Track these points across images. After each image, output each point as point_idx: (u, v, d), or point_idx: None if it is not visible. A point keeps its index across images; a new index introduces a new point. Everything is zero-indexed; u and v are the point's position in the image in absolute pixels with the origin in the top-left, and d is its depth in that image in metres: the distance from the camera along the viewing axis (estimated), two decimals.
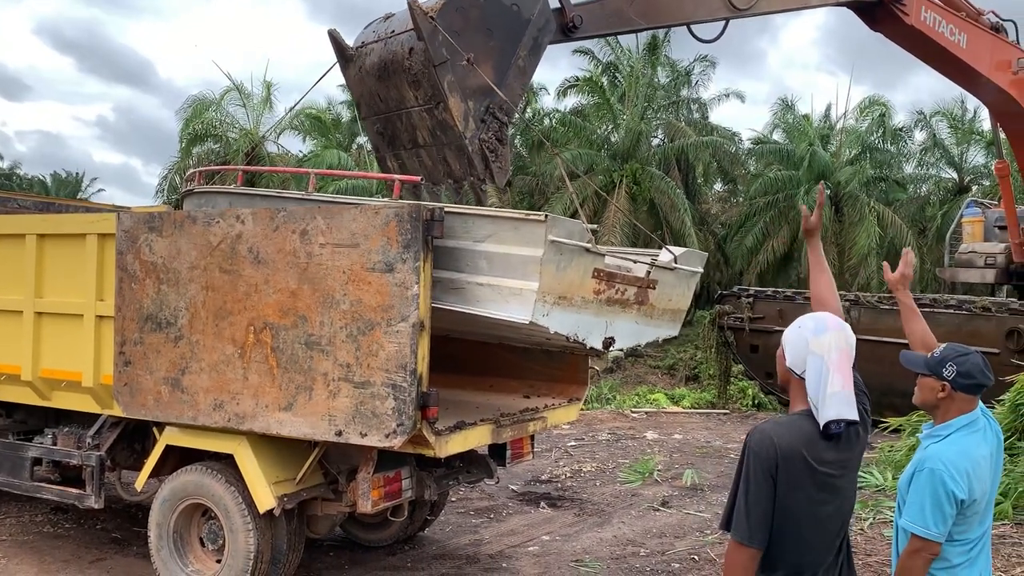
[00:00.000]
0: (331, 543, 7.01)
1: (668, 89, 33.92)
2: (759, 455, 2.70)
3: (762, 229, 30.51)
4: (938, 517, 2.99)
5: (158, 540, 5.69)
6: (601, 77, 31.87)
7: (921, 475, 3.05)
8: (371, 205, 4.97)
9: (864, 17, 9.81)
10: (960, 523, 3.03)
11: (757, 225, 30.69)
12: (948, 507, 2.97)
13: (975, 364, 3.11)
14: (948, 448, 3.08)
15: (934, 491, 2.99)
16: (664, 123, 33.44)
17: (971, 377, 3.09)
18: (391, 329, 4.72)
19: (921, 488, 3.04)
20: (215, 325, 5.28)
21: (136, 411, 5.63)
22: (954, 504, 2.97)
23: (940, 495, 2.98)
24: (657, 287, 5.52)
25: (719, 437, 11.87)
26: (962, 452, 3.05)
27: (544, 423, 6.20)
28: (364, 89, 6.28)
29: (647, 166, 29.36)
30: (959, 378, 3.10)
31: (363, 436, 4.82)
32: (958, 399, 3.11)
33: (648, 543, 7.25)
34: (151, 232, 5.52)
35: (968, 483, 2.98)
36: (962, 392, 3.11)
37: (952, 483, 2.97)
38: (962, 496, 2.96)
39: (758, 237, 30.53)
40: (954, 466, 3.00)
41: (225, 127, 31.58)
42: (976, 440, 3.10)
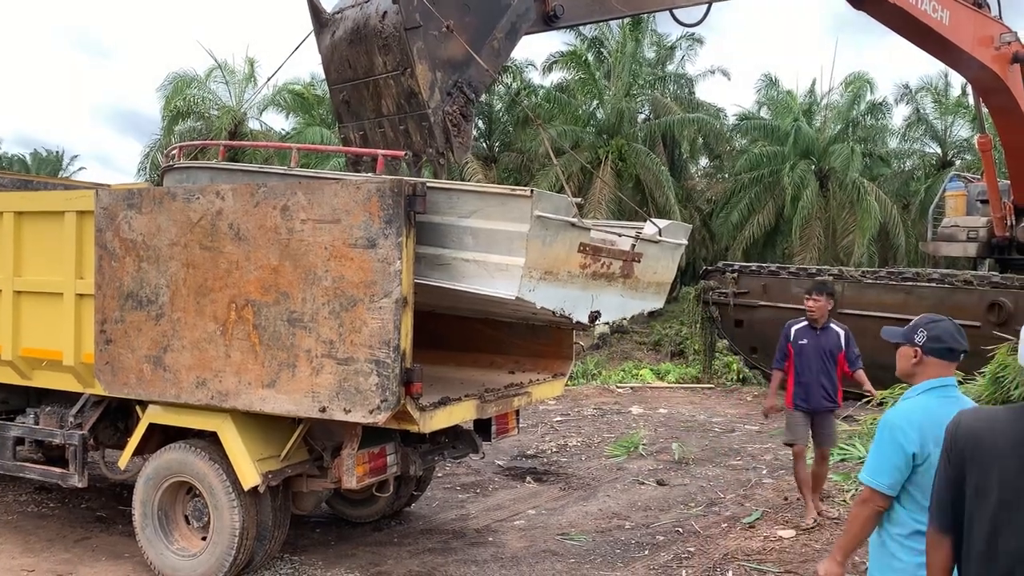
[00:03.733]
0: (318, 520, 7.02)
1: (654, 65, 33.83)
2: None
3: (748, 205, 30.59)
4: (884, 467, 3.04)
5: (143, 518, 5.68)
6: (587, 52, 31.72)
7: (878, 429, 3.11)
8: (352, 180, 4.94)
9: None
10: (917, 483, 3.05)
11: (743, 201, 30.76)
12: (895, 458, 3.01)
13: (945, 329, 3.15)
14: (908, 403, 3.14)
15: (883, 441, 3.06)
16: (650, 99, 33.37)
17: (941, 341, 3.14)
18: (374, 305, 4.70)
19: (875, 440, 3.11)
20: (196, 302, 5.24)
21: (118, 389, 5.59)
22: (902, 455, 3.00)
23: (888, 445, 3.04)
24: (642, 260, 5.52)
25: (703, 411, 11.94)
26: (921, 408, 3.10)
27: (529, 398, 6.21)
28: (335, 55, 6.20)
29: (633, 142, 29.32)
30: (929, 343, 3.15)
31: (347, 412, 4.81)
32: (930, 364, 3.16)
33: (633, 516, 7.30)
34: (130, 209, 5.46)
35: (920, 437, 3.00)
36: (933, 357, 3.16)
37: (901, 434, 3.01)
38: (912, 449, 3.00)
39: (743, 213, 30.60)
40: (906, 418, 3.06)
41: (207, 104, 31.25)
42: (942, 402, 3.12)
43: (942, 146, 32.48)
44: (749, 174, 31.13)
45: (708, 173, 41.81)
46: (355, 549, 6.38)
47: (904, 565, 3.06)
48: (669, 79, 34.14)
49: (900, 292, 12.03)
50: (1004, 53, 11.18)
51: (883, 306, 12.01)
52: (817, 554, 5.99)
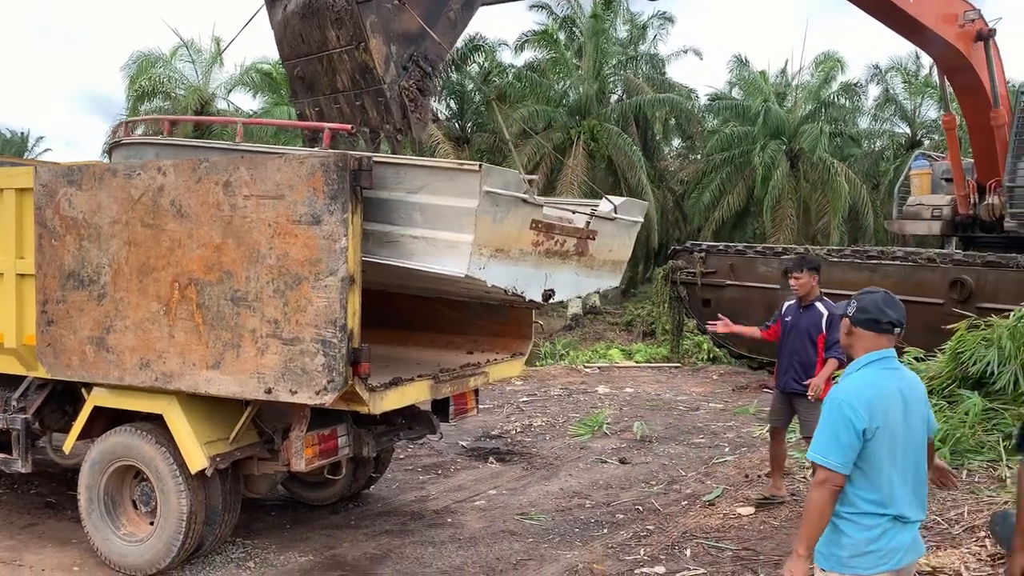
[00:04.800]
0: (274, 502, 6.91)
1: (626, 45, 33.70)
2: None
3: (719, 185, 30.65)
4: (836, 446, 2.99)
5: (88, 504, 5.55)
6: (558, 32, 31.51)
7: (824, 406, 3.07)
8: (296, 154, 4.80)
9: None
10: (866, 458, 3.01)
11: (714, 182, 30.81)
12: (845, 435, 2.97)
13: (871, 301, 3.13)
14: (852, 379, 3.10)
15: (831, 419, 3.02)
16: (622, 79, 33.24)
17: (866, 312, 3.12)
18: (319, 284, 4.58)
19: (823, 419, 3.06)
20: (139, 282, 5.09)
21: (60, 372, 5.44)
22: (853, 432, 2.96)
23: (837, 423, 2.99)
24: (597, 237, 5.44)
25: (669, 390, 11.95)
26: (866, 382, 3.06)
27: (486, 378, 6.12)
28: (287, 29, 6.04)
29: (605, 123, 29.21)
30: (857, 313, 3.14)
31: (293, 394, 4.70)
32: (862, 336, 3.13)
33: (594, 495, 7.27)
34: (70, 186, 5.29)
35: (869, 412, 2.97)
36: (862, 328, 3.13)
37: (850, 410, 2.97)
38: (861, 425, 2.96)
39: (715, 193, 30.68)
40: (853, 394, 3.02)
41: (173, 84, 30.69)
42: (885, 375, 3.10)
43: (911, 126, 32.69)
44: (720, 155, 31.17)
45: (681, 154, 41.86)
46: (310, 532, 6.29)
47: (854, 542, 3.03)
48: (641, 59, 34.02)
49: (865, 270, 12.04)
50: (968, 31, 11.20)
51: (849, 284, 12.00)
52: (775, 531, 5.99)
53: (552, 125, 29.26)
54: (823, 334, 6.31)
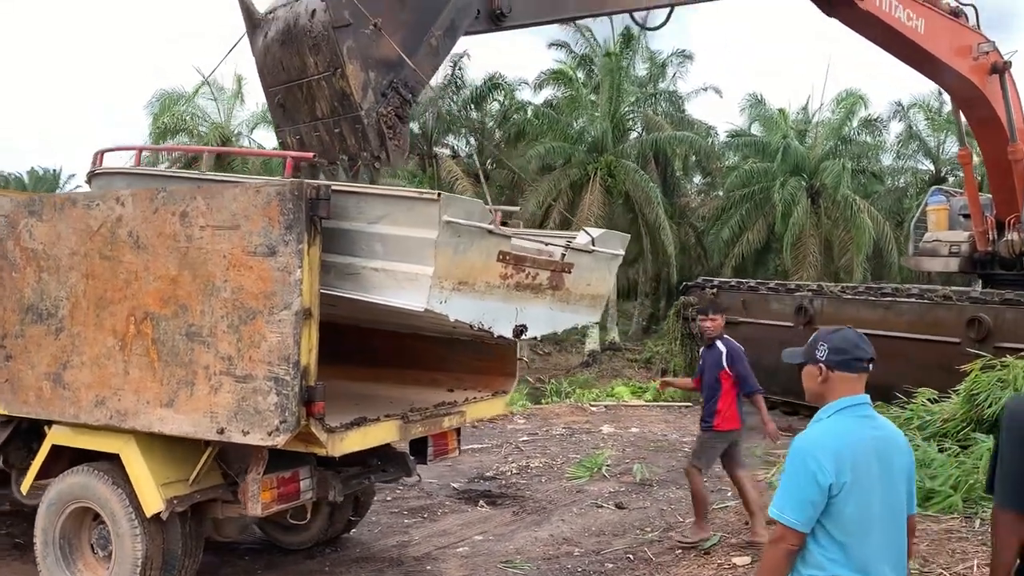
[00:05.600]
0: (249, 546, 6.65)
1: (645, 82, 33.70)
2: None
3: (738, 222, 30.36)
4: (795, 501, 2.70)
5: (43, 547, 5.33)
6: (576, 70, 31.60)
7: (787, 457, 2.77)
8: (252, 183, 4.62)
9: (819, 3, 9.50)
10: (833, 517, 2.71)
11: (733, 218, 30.54)
12: (809, 490, 2.67)
13: (845, 337, 2.85)
14: (819, 427, 2.80)
15: (794, 472, 2.73)
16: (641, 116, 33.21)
17: (843, 352, 2.83)
18: (273, 318, 4.36)
19: (786, 470, 2.77)
20: (96, 316, 4.92)
21: (18, 408, 5.27)
22: (816, 488, 2.66)
23: (800, 477, 2.69)
24: (573, 271, 5.19)
25: (676, 431, 11.56)
26: (834, 432, 2.76)
27: (462, 417, 5.84)
28: (268, 57, 5.91)
29: (622, 159, 29.10)
30: (832, 355, 2.84)
31: (245, 434, 4.47)
32: (838, 380, 2.84)
33: (585, 542, 6.93)
34: (31, 216, 5.16)
35: (836, 465, 2.67)
36: (840, 371, 2.84)
37: (813, 463, 2.67)
38: (827, 480, 2.66)
39: (734, 230, 30.39)
40: (819, 445, 2.72)
41: (196, 121, 31.11)
42: (857, 423, 2.80)
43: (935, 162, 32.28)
44: (740, 191, 30.92)
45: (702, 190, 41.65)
46: None
47: None
48: (661, 96, 34.00)
49: (879, 308, 11.66)
50: (982, 63, 10.90)
51: (862, 322, 11.62)
52: None
53: (570, 161, 29.19)
54: (723, 370, 6.51)
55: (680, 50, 33.85)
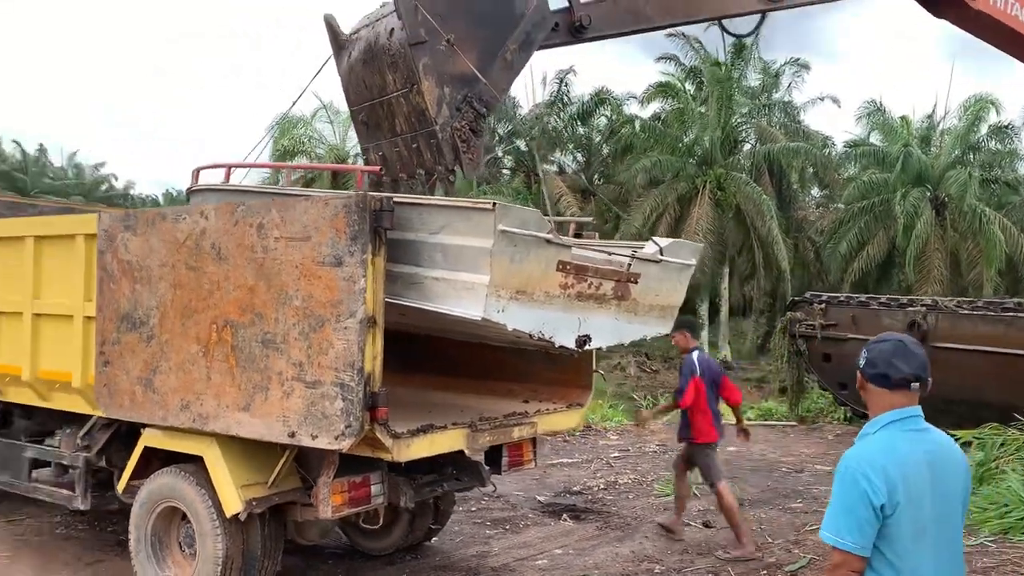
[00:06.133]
0: (333, 550, 6.83)
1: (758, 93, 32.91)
2: None
3: (857, 235, 29.14)
4: (851, 523, 2.54)
5: (136, 543, 5.64)
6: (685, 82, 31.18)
7: (835, 477, 2.62)
8: (322, 196, 4.79)
9: (925, 4, 9.05)
10: (886, 538, 2.56)
11: (851, 231, 29.33)
12: (862, 511, 2.52)
13: (881, 351, 2.68)
14: (867, 445, 2.64)
15: (844, 492, 2.57)
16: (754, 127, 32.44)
17: (874, 366, 2.68)
18: (339, 325, 4.50)
19: (834, 490, 2.62)
20: (182, 324, 5.19)
21: (115, 411, 5.60)
22: (869, 508, 2.51)
23: (852, 497, 2.54)
24: (640, 281, 5.11)
25: (776, 450, 11.16)
26: (882, 448, 2.60)
27: (533, 428, 5.83)
28: (352, 76, 6.12)
29: (734, 171, 28.47)
30: (866, 367, 2.71)
31: (314, 438, 4.61)
32: (873, 392, 2.70)
33: (666, 560, 6.78)
34: (127, 231, 5.49)
35: (886, 484, 2.51)
36: (872, 384, 2.69)
37: (864, 482, 2.52)
38: (879, 500, 2.51)
39: (852, 243, 29.18)
40: (868, 463, 2.56)
41: (313, 143, 32.39)
42: (907, 438, 2.64)
43: None
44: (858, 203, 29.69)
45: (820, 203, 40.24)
46: None
47: None
48: (775, 107, 33.12)
49: (999, 324, 10.96)
50: None
51: (979, 339, 10.98)
52: None
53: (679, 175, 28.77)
54: (690, 383, 6.97)
55: (794, 59, 32.96)
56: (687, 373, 6.98)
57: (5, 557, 6.53)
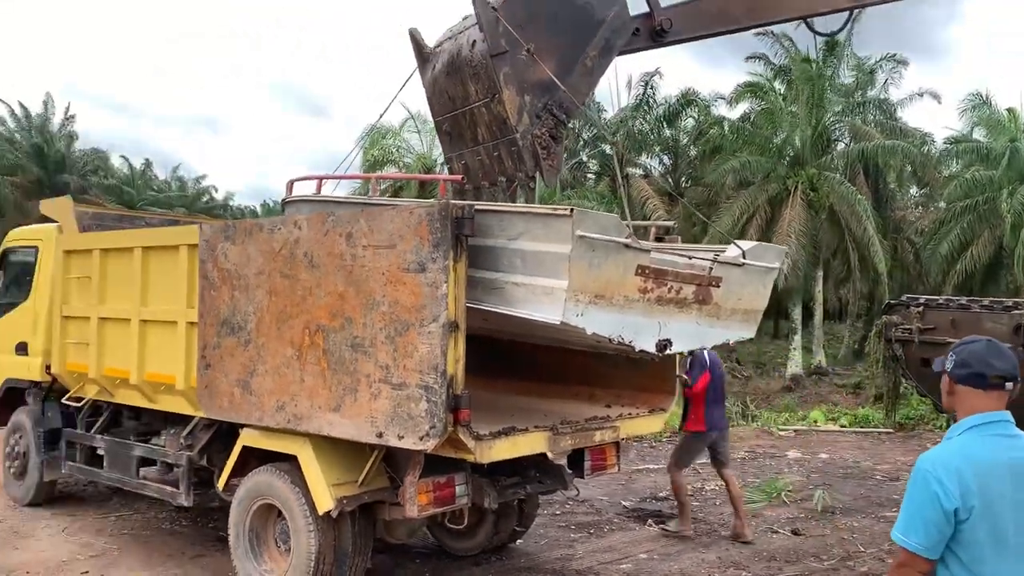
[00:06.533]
0: (420, 550, 7.00)
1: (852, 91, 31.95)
2: None
3: (959, 235, 27.95)
4: (918, 525, 2.51)
5: (235, 539, 5.91)
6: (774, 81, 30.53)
7: (910, 478, 2.59)
8: (406, 205, 4.94)
9: None
10: (961, 544, 2.51)
11: (953, 231, 28.15)
12: (931, 513, 2.48)
13: (973, 351, 2.62)
14: (946, 447, 2.60)
15: (915, 494, 2.54)
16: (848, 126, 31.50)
17: (966, 366, 2.62)
18: (423, 330, 4.64)
19: (907, 492, 2.59)
20: (277, 329, 5.43)
21: (214, 412, 5.89)
22: (939, 511, 2.47)
23: (922, 498, 2.51)
24: (722, 285, 5.09)
25: (871, 457, 10.84)
26: (962, 452, 2.55)
27: (615, 432, 5.86)
28: (436, 88, 6.29)
29: (827, 171, 27.71)
30: (956, 368, 2.65)
31: (400, 439, 4.77)
32: (963, 395, 2.65)
33: (753, 567, 6.70)
34: (226, 241, 5.78)
35: (961, 488, 2.47)
36: (963, 385, 2.64)
37: (936, 485, 2.48)
38: (952, 504, 2.47)
39: (954, 244, 28.00)
40: (943, 466, 2.51)
41: (402, 153, 33.06)
42: (990, 443, 2.58)
43: None
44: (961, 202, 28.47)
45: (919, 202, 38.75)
46: None
47: None
48: (870, 104, 32.10)
49: None
50: None
51: None
52: None
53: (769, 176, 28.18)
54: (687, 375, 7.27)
55: (891, 55, 31.87)
56: (699, 365, 7.35)
57: (115, 549, 6.94)
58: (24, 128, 44.54)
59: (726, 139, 29.63)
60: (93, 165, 47.12)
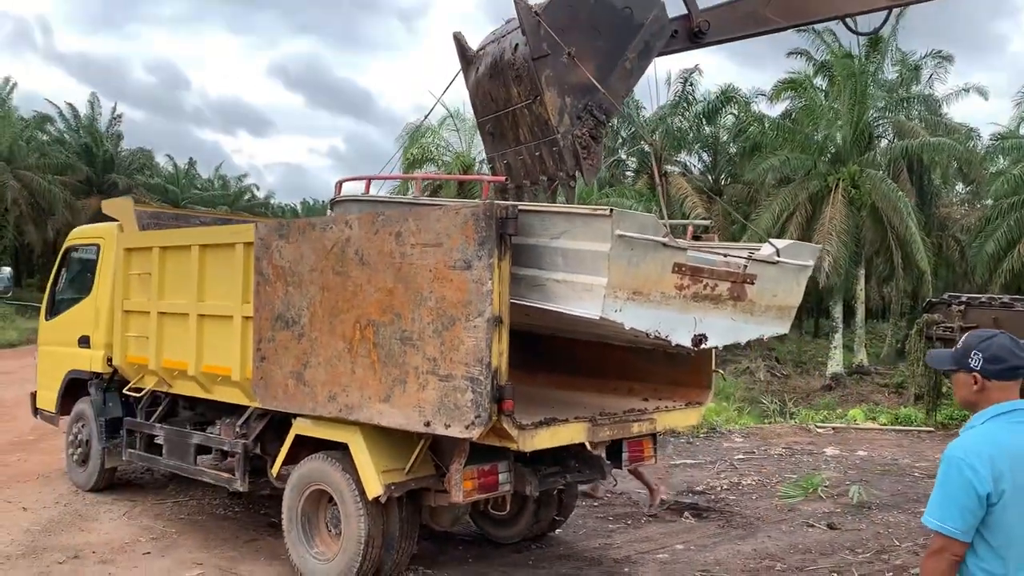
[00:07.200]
0: (463, 537, 7.25)
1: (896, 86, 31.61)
2: None
3: (1005, 233, 27.55)
4: (954, 510, 2.67)
5: (288, 523, 6.21)
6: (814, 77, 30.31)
7: (941, 465, 2.76)
8: (453, 206, 5.18)
9: None
10: (990, 527, 2.67)
11: (999, 229, 27.75)
12: (965, 498, 2.65)
13: (1002, 345, 2.78)
14: (973, 435, 2.77)
15: (948, 480, 2.70)
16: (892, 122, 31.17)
17: (1000, 360, 2.78)
18: (469, 324, 4.87)
19: (939, 479, 2.75)
20: (329, 323, 5.70)
21: (269, 402, 6.19)
22: (973, 496, 2.63)
23: (957, 485, 2.67)
24: (757, 282, 5.25)
25: (909, 455, 10.85)
26: (989, 439, 2.72)
27: (652, 424, 6.05)
28: (479, 90, 6.51)
29: (869, 169, 27.46)
30: (987, 364, 2.80)
31: (447, 427, 5.01)
32: (994, 388, 2.81)
33: (788, 559, 6.84)
34: (280, 239, 6.07)
35: (992, 473, 2.63)
36: (996, 379, 2.80)
37: (969, 471, 2.64)
38: (985, 488, 2.63)
39: (1000, 242, 27.61)
40: (974, 452, 2.68)
41: (440, 151, 33.37)
42: (1014, 429, 2.74)
43: None
44: (1008, 199, 28.06)
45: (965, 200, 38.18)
46: (488, 568, 6.53)
47: None
48: (914, 100, 31.75)
49: None
50: None
51: None
52: None
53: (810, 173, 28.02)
54: None
55: (936, 51, 31.48)
56: None
57: (174, 533, 7.29)
58: (73, 128, 45.75)
59: (766, 136, 29.51)
60: (139, 164, 48.24)
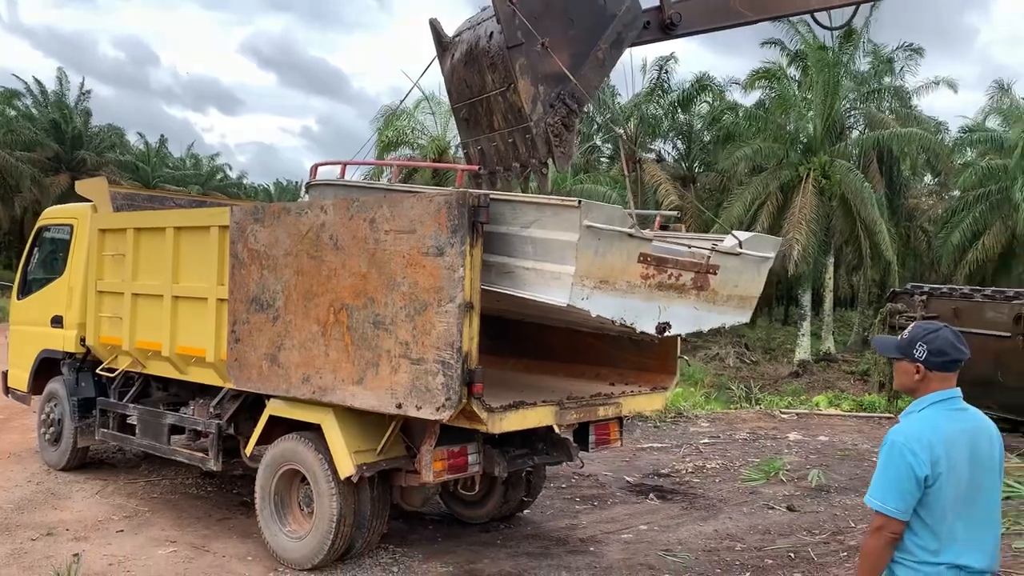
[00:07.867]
0: (432, 517, 7.41)
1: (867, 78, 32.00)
2: None
3: (971, 225, 28.11)
4: (895, 492, 2.89)
5: (261, 501, 6.33)
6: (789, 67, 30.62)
7: (883, 449, 2.97)
8: (426, 193, 5.29)
9: None
10: (926, 506, 2.88)
11: (964, 221, 28.31)
12: (905, 481, 2.87)
13: (946, 339, 2.99)
14: (913, 422, 2.98)
15: (891, 464, 2.92)
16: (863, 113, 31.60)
17: (944, 354, 2.99)
18: (441, 309, 5.01)
19: (881, 462, 2.97)
20: (303, 306, 5.81)
21: (243, 384, 6.29)
22: (912, 479, 2.86)
23: (898, 468, 2.89)
24: (719, 272, 5.44)
25: (868, 441, 11.17)
26: (928, 424, 2.94)
27: (618, 408, 6.24)
28: (454, 76, 6.60)
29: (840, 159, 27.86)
30: (931, 356, 3.00)
31: (418, 409, 5.15)
32: (934, 378, 3.02)
33: (748, 539, 7.08)
34: (256, 223, 6.15)
35: (930, 456, 2.86)
36: (937, 371, 3.00)
37: (910, 455, 2.86)
38: (922, 471, 2.85)
39: (966, 233, 28.18)
40: (915, 438, 2.90)
41: (416, 135, 33.30)
42: (950, 416, 2.98)
43: None
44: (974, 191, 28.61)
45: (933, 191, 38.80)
46: (457, 546, 6.69)
47: None
48: (885, 92, 32.17)
49: None
50: None
51: None
52: None
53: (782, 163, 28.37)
54: None
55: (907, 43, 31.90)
56: None
57: (147, 511, 7.38)
58: (41, 104, 44.98)
59: (739, 125, 29.80)
60: (109, 141, 47.54)
